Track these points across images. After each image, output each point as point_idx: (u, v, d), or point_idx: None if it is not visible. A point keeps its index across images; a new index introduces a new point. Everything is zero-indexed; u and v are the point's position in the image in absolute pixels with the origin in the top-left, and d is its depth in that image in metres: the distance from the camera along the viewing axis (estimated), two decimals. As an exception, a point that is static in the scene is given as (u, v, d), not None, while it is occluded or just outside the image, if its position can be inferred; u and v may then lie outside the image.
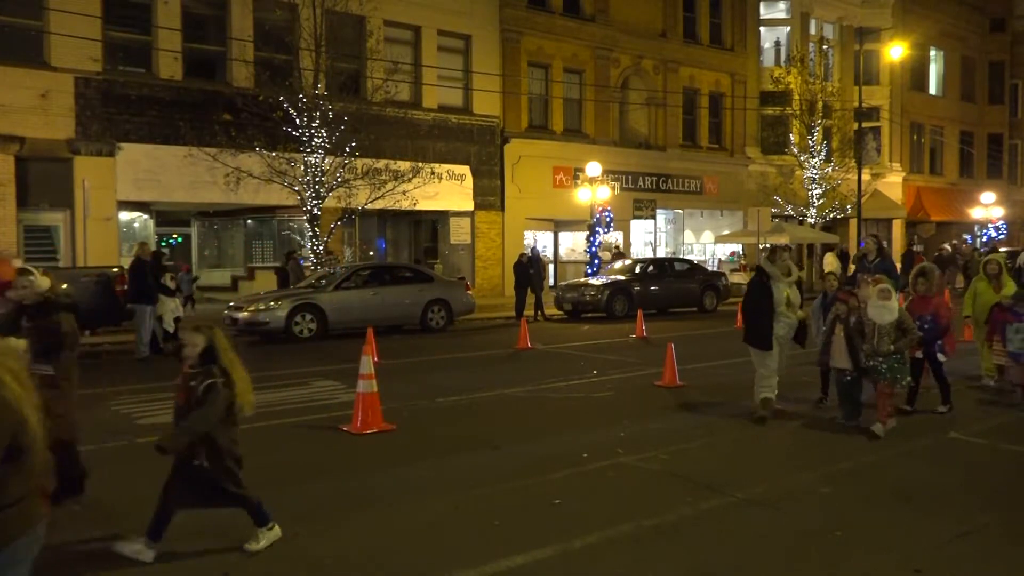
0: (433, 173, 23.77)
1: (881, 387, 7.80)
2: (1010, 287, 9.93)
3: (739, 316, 15.06)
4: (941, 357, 8.81)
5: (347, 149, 20.20)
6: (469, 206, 26.00)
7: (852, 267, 15.48)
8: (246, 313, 15.89)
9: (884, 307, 7.72)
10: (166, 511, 4.87)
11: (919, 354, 8.52)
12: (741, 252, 33.90)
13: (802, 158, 32.41)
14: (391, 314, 17.50)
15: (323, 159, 20.20)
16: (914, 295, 8.78)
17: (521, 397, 10.03)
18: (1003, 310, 9.14)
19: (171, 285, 14.35)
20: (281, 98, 19.69)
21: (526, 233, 27.52)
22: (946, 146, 42.44)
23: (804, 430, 8.11)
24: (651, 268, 22.82)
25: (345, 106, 20.32)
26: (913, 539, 5.16)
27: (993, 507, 5.80)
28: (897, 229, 39.77)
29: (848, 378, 8.06)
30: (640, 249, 30.66)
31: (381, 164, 21.19)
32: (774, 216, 30.64)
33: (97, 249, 18.60)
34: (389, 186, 21.15)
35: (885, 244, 32.35)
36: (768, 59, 35.19)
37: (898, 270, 11.88)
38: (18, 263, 7.88)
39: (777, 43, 35.66)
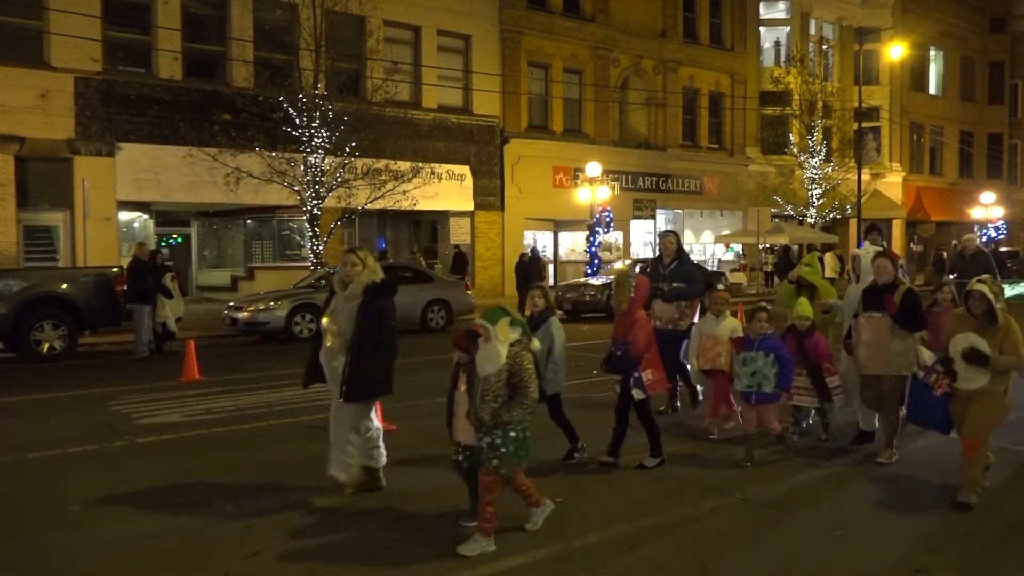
0: (433, 173, 23.80)
1: (482, 474, 5.03)
2: (828, 292, 8.38)
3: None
4: (638, 395, 6.62)
5: (347, 149, 20.21)
6: (469, 206, 26.01)
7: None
8: (246, 313, 15.90)
9: (483, 351, 4.97)
10: None
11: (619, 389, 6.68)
12: (741, 251, 33.95)
13: (802, 158, 32.44)
14: (391, 314, 17.45)
15: (323, 159, 20.20)
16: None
17: (521, 397, 10.00)
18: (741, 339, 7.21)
19: (171, 287, 14.26)
20: (281, 98, 19.71)
21: (526, 233, 27.53)
22: (946, 146, 42.46)
23: (803, 432, 8.09)
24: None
25: (345, 106, 20.33)
26: (913, 539, 5.16)
27: (993, 507, 5.79)
28: (897, 229, 39.76)
29: (466, 456, 5.26)
30: (640, 249, 30.67)
31: (381, 164, 21.20)
32: (774, 216, 30.68)
33: (97, 249, 18.59)
34: (389, 186, 21.15)
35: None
36: (768, 59, 35.22)
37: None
38: None
39: (777, 43, 35.68)
